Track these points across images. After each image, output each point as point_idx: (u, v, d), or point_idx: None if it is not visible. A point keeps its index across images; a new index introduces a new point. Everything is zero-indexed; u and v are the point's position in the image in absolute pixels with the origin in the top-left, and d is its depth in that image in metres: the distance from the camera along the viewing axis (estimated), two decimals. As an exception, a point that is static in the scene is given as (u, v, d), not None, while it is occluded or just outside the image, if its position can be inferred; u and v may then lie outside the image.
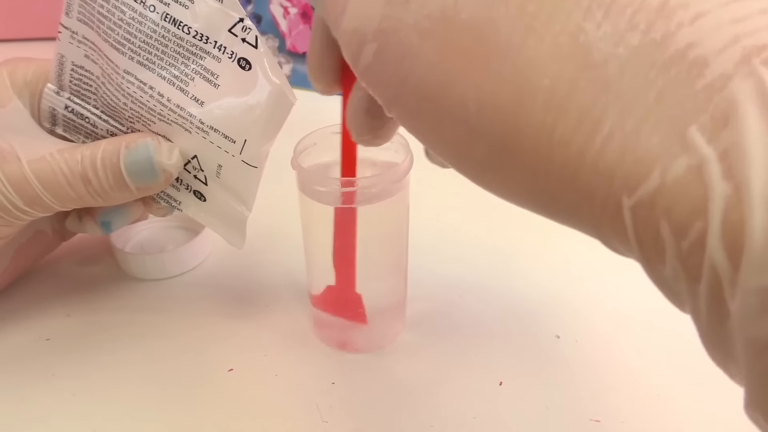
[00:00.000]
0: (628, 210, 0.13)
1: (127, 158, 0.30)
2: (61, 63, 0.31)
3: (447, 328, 0.34)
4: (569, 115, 0.14)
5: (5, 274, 0.35)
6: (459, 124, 0.16)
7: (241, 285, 0.38)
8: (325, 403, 0.30)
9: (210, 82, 0.30)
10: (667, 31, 0.13)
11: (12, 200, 0.29)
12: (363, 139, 0.23)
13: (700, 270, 0.12)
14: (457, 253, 0.39)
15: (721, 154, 0.12)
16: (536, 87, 0.14)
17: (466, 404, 0.30)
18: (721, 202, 0.12)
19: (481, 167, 0.16)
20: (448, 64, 0.15)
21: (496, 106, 0.15)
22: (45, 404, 0.30)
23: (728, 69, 0.12)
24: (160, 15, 0.29)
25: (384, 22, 0.16)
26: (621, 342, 0.33)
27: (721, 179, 0.12)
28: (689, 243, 0.12)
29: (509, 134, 0.15)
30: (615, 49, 0.13)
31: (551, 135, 0.14)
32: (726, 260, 0.12)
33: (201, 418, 0.29)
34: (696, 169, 0.12)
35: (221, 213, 0.33)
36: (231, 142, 0.30)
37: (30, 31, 0.68)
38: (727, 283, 0.12)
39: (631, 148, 0.13)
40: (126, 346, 0.33)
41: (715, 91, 0.12)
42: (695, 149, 0.12)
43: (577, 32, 0.14)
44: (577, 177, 0.14)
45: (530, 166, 0.15)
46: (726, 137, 0.12)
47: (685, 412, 0.29)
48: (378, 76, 0.17)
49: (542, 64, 0.14)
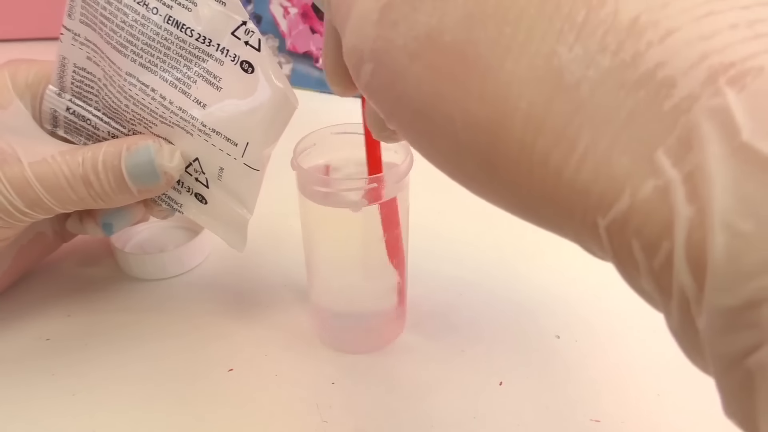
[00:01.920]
0: (603, 229, 0.14)
1: (129, 161, 0.30)
2: (63, 65, 0.31)
3: (447, 328, 0.34)
4: (546, 135, 0.14)
5: (6, 275, 0.35)
6: (449, 139, 0.16)
7: (241, 285, 0.38)
8: (325, 403, 0.30)
9: (212, 84, 0.30)
10: (637, 51, 0.13)
11: (13, 202, 0.29)
12: (383, 135, 0.24)
13: (670, 288, 0.13)
14: (457, 253, 0.39)
15: (685, 176, 0.12)
16: (514, 108, 0.14)
17: (466, 404, 0.30)
18: (685, 224, 0.12)
19: (471, 180, 0.17)
20: (435, 83, 0.16)
21: (479, 125, 0.15)
22: (45, 404, 0.30)
23: (695, 89, 0.12)
24: (162, 17, 0.29)
25: (376, 43, 0.17)
26: (621, 342, 0.33)
27: (684, 201, 0.12)
28: (659, 262, 0.13)
29: (492, 151, 0.15)
30: (586, 71, 0.14)
31: (531, 153, 0.14)
32: (691, 280, 0.12)
33: (201, 418, 0.29)
34: (662, 191, 0.12)
35: (222, 216, 0.33)
36: (233, 144, 0.30)
37: (30, 31, 0.68)
38: (694, 302, 0.12)
39: (603, 169, 0.13)
40: (126, 346, 0.34)
41: (681, 113, 0.12)
42: (662, 171, 0.12)
43: (551, 55, 0.14)
44: (556, 195, 0.14)
45: (513, 181, 0.15)
46: (690, 160, 0.12)
47: (685, 412, 0.29)
48: (377, 92, 0.18)
49: (519, 85, 0.14)
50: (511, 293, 0.36)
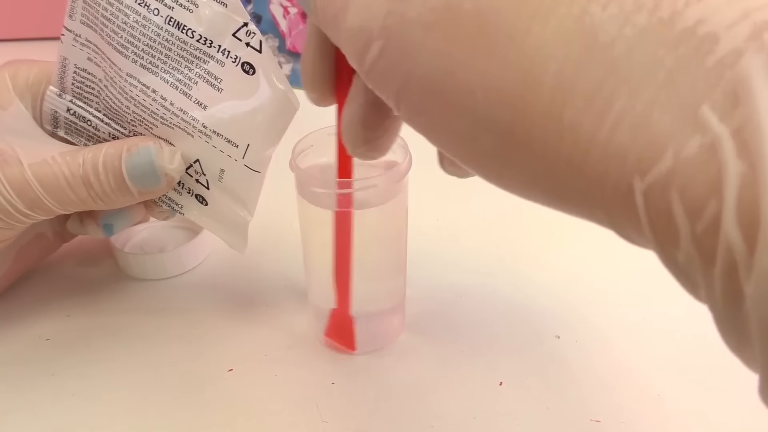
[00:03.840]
0: (641, 193, 0.13)
1: (129, 162, 0.30)
2: (64, 65, 0.31)
3: (447, 328, 0.34)
4: (577, 97, 0.14)
5: (5, 276, 0.35)
6: (465, 114, 0.16)
7: (241, 285, 0.38)
8: (325, 403, 0.30)
9: (213, 86, 0.30)
10: (675, 10, 0.13)
11: (13, 203, 0.29)
12: (358, 151, 0.22)
13: (714, 252, 0.12)
14: (457, 253, 0.39)
15: (734, 131, 0.12)
16: (543, 71, 0.14)
17: (466, 404, 0.30)
18: (736, 181, 0.11)
19: (488, 158, 0.16)
20: (452, 53, 0.15)
21: (503, 92, 0.15)
22: (45, 404, 0.30)
23: (739, 44, 0.12)
24: (164, 18, 0.29)
25: (388, 18, 0.16)
26: (621, 342, 0.33)
27: (735, 157, 0.12)
28: (704, 224, 0.12)
29: (516, 121, 0.15)
30: (622, 29, 0.13)
31: (560, 119, 0.14)
32: (741, 241, 0.11)
33: (201, 418, 0.29)
34: (709, 148, 0.12)
35: (223, 217, 0.33)
36: (234, 146, 0.30)
37: (30, 31, 0.68)
38: (743, 265, 0.12)
39: (642, 129, 0.13)
40: (126, 346, 0.34)
41: (726, 68, 0.12)
42: (708, 128, 0.12)
43: (582, 14, 0.14)
44: (587, 161, 0.14)
45: (538, 152, 0.15)
46: (739, 114, 0.12)
47: (685, 412, 0.29)
48: (383, 74, 0.17)
49: (548, 48, 0.14)
50: (511, 293, 0.36)
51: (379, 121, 0.21)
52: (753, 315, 0.12)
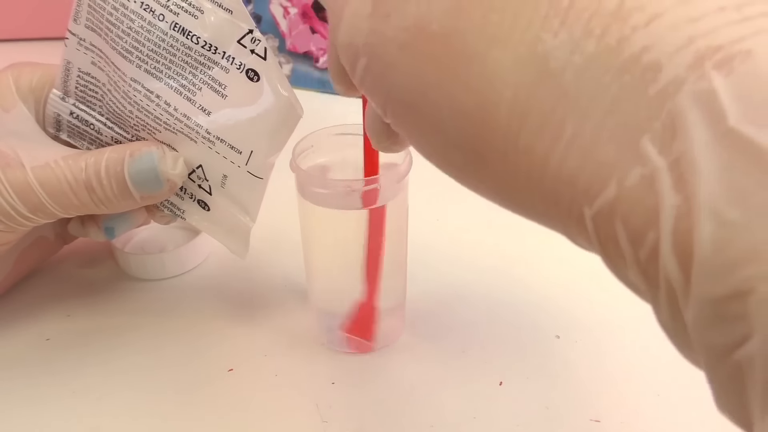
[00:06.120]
0: (590, 219, 0.13)
1: (132, 167, 0.30)
2: (68, 69, 0.31)
3: (447, 328, 0.34)
4: (531, 122, 0.14)
5: (7, 279, 0.35)
6: (437, 131, 0.16)
7: (241, 285, 0.38)
8: (325, 403, 0.30)
9: (217, 92, 0.30)
10: (622, 35, 0.13)
11: (15, 207, 0.29)
12: (383, 145, 0.23)
13: (657, 279, 0.12)
14: (457, 253, 0.40)
15: (671, 164, 0.12)
16: (499, 95, 0.14)
17: (466, 404, 0.30)
18: (672, 213, 0.12)
19: (460, 171, 0.17)
20: (423, 74, 0.16)
21: (465, 114, 0.15)
22: (45, 404, 0.30)
23: (681, 73, 0.12)
24: (169, 24, 0.29)
25: (369, 37, 0.17)
26: (621, 342, 0.33)
27: (671, 189, 0.12)
28: (645, 253, 0.12)
29: (478, 142, 0.15)
30: (571, 56, 0.13)
31: (516, 142, 0.14)
32: (678, 271, 0.12)
33: (201, 418, 0.30)
34: (649, 179, 0.12)
35: (225, 223, 0.33)
36: (237, 152, 0.30)
37: (31, 31, 0.68)
38: (681, 294, 0.12)
39: (590, 157, 0.13)
40: (126, 346, 0.34)
41: (667, 98, 0.12)
42: (648, 159, 0.12)
43: (536, 41, 0.14)
44: (542, 184, 0.14)
45: (500, 172, 0.15)
46: (676, 147, 0.12)
47: (685, 412, 0.29)
48: (371, 86, 0.18)
49: (504, 73, 0.14)
50: (511, 293, 0.36)
51: None
52: (694, 340, 0.12)
